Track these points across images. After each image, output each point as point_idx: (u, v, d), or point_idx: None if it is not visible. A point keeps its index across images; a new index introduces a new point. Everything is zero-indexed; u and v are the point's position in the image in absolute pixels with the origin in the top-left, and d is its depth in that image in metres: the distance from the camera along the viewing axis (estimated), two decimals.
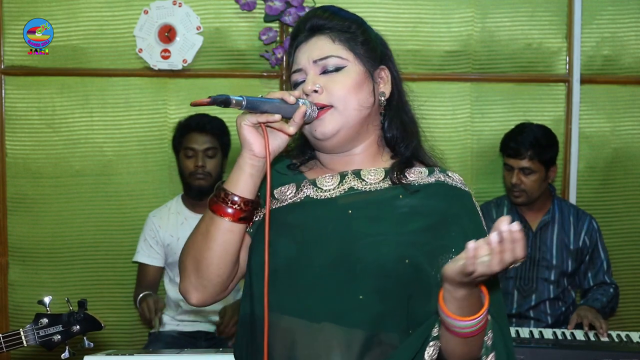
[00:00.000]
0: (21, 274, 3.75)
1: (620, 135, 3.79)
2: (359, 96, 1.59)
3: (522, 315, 3.37)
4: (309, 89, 1.57)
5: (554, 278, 3.38)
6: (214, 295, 1.59)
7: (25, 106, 3.70)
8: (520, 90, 3.76)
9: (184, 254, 1.58)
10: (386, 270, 1.50)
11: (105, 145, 3.71)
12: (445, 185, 1.63)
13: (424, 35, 3.70)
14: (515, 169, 3.34)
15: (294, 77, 1.64)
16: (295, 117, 1.50)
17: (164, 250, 3.48)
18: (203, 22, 3.64)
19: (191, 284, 1.57)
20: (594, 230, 3.42)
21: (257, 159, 1.50)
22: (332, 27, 1.62)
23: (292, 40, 1.67)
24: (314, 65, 1.60)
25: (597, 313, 3.14)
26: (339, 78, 1.58)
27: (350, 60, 1.60)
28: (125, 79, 3.69)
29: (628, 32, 3.76)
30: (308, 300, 1.51)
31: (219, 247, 1.53)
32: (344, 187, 1.60)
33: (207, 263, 1.54)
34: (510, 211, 3.44)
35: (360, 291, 1.50)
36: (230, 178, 1.53)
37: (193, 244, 1.56)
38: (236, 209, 1.51)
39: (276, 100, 1.49)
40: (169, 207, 3.53)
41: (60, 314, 2.27)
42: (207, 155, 3.42)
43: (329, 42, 1.61)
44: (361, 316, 1.50)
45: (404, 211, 1.57)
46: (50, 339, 2.25)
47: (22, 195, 3.72)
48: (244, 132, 1.49)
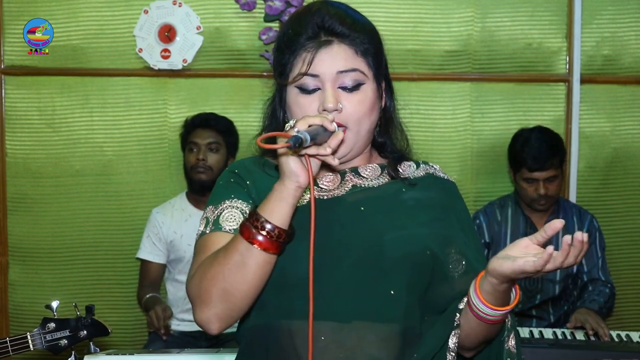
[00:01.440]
0: (21, 273, 3.75)
1: (620, 135, 3.79)
2: (371, 118, 1.56)
3: (525, 313, 3.37)
4: (331, 106, 1.49)
5: (559, 278, 3.38)
6: (235, 322, 1.52)
7: (25, 106, 3.70)
8: (520, 90, 3.76)
9: (208, 282, 1.45)
10: (414, 262, 1.53)
11: (105, 145, 3.71)
12: (434, 177, 1.67)
13: (424, 34, 3.70)
14: (540, 181, 3.30)
15: (305, 80, 1.52)
16: (332, 142, 1.41)
17: (166, 247, 3.49)
18: (203, 21, 3.64)
19: (216, 314, 1.46)
20: (594, 228, 3.43)
21: (301, 190, 1.42)
22: (354, 36, 1.53)
23: (295, 36, 1.53)
24: (335, 77, 1.51)
25: (596, 316, 3.13)
26: (357, 98, 1.52)
27: (369, 76, 1.54)
28: (125, 79, 3.69)
29: (628, 32, 3.75)
30: (336, 302, 1.49)
31: (257, 280, 1.45)
32: (346, 186, 1.59)
33: (242, 296, 1.45)
34: (515, 212, 3.43)
35: (392, 286, 1.51)
36: (270, 209, 1.42)
37: (223, 275, 1.44)
38: (280, 242, 1.43)
39: (319, 129, 1.40)
40: (173, 203, 3.53)
41: (67, 319, 2.27)
42: (209, 148, 3.44)
43: (352, 53, 1.52)
44: (395, 310, 1.51)
45: (411, 204, 1.59)
46: (57, 343, 2.26)
47: (22, 195, 3.72)
48: (291, 164, 1.39)
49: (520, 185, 3.37)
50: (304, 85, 1.53)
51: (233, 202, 1.56)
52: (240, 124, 3.58)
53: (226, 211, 1.55)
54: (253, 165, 1.62)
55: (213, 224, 1.54)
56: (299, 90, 1.53)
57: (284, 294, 1.51)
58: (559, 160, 3.33)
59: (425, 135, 3.67)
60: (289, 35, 1.55)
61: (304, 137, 1.34)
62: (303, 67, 1.52)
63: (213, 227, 1.54)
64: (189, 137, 3.50)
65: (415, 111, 3.65)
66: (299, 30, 1.53)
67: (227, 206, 1.56)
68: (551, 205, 3.38)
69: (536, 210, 3.38)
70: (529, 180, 3.32)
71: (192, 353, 2.61)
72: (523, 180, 3.34)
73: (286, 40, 1.55)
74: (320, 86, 1.52)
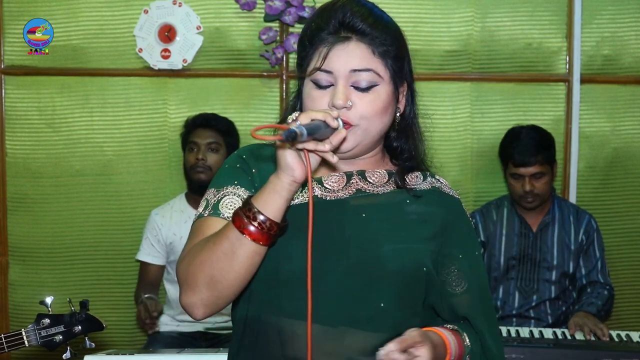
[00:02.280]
0: (21, 273, 3.75)
1: (620, 135, 3.79)
2: (383, 119, 1.54)
3: (522, 315, 3.37)
4: (340, 103, 1.48)
5: (555, 278, 3.38)
6: (220, 310, 1.51)
7: (25, 106, 3.70)
8: (520, 89, 3.76)
9: (196, 268, 1.45)
10: (408, 278, 1.52)
11: (105, 145, 3.71)
12: (439, 192, 1.64)
13: (424, 34, 3.70)
14: (525, 177, 3.31)
15: (318, 75, 1.51)
16: (334, 139, 1.39)
17: (165, 248, 3.49)
18: (203, 21, 3.64)
19: (202, 300, 1.46)
20: (592, 228, 3.42)
21: (297, 184, 1.40)
22: (374, 36, 1.51)
23: (317, 31, 1.52)
24: (349, 75, 1.50)
25: (594, 318, 3.13)
26: (369, 98, 1.50)
27: (385, 79, 1.52)
28: (125, 79, 3.69)
29: (628, 32, 3.75)
30: (326, 306, 1.48)
31: (245, 270, 1.44)
32: (351, 189, 1.57)
33: (229, 284, 1.44)
34: (510, 212, 3.44)
35: (382, 299, 1.51)
36: (264, 200, 1.41)
37: (211, 262, 1.43)
38: (271, 234, 1.41)
39: (320, 124, 1.37)
40: (172, 205, 3.53)
41: (62, 314, 2.27)
42: (209, 148, 3.44)
43: (369, 52, 1.51)
44: (383, 322, 1.51)
45: (413, 218, 1.57)
46: (51, 339, 2.25)
47: (22, 195, 3.72)
48: (287, 157, 1.37)
49: (509, 182, 3.42)
50: (318, 81, 1.52)
51: (235, 188, 1.55)
52: (240, 124, 3.58)
53: (227, 197, 1.54)
54: (262, 152, 1.60)
55: (212, 208, 1.54)
56: (313, 85, 1.53)
57: (274, 290, 1.50)
58: (545, 158, 3.32)
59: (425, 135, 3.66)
60: (312, 28, 1.54)
61: (299, 132, 1.31)
62: (318, 62, 1.51)
63: (212, 211, 1.53)
64: (189, 137, 3.50)
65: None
66: (321, 25, 1.53)
67: (229, 192, 1.54)
68: (539, 204, 3.38)
69: (524, 208, 3.39)
70: (515, 175, 3.36)
71: (192, 353, 2.61)
72: (510, 176, 3.39)
73: (309, 33, 1.55)
74: (334, 82, 1.51)
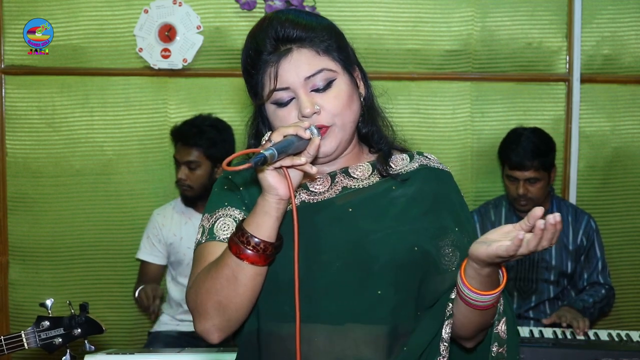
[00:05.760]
0: (21, 273, 3.75)
1: (620, 135, 3.79)
2: (353, 108, 1.56)
3: (521, 315, 3.37)
4: (308, 112, 1.50)
5: (554, 278, 3.38)
6: (235, 330, 1.55)
7: (26, 105, 3.70)
8: (521, 89, 3.76)
9: (203, 296, 1.49)
10: (400, 261, 1.53)
11: (105, 145, 3.71)
12: (429, 169, 1.66)
13: (424, 34, 3.70)
14: (520, 180, 3.31)
15: (279, 95, 1.53)
16: (310, 149, 1.43)
17: (166, 248, 3.49)
18: (203, 21, 3.64)
19: (215, 326, 1.51)
20: (592, 229, 3.41)
21: (284, 201, 1.43)
22: (311, 37, 1.53)
23: (257, 55, 1.55)
24: (304, 83, 1.52)
25: (577, 313, 3.14)
26: (332, 95, 1.53)
27: (338, 71, 1.55)
28: (125, 79, 3.69)
29: (628, 32, 3.75)
30: (326, 305, 1.51)
31: (249, 291, 1.48)
32: (337, 188, 1.60)
33: (237, 307, 1.49)
34: (508, 212, 3.44)
35: (378, 286, 1.52)
36: (256, 223, 1.44)
37: (216, 289, 1.47)
38: (267, 254, 1.45)
39: (293, 139, 1.40)
40: (173, 205, 3.53)
41: (61, 317, 2.27)
42: (189, 167, 3.39)
43: (313, 54, 1.53)
44: (381, 311, 1.52)
45: (401, 201, 1.59)
46: (51, 341, 2.25)
47: (23, 194, 3.72)
48: (268, 178, 1.41)
49: (505, 182, 3.44)
50: (279, 100, 1.54)
51: (227, 210, 1.58)
52: (240, 124, 3.54)
53: (220, 220, 1.57)
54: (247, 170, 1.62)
55: (208, 233, 1.57)
56: (276, 106, 1.55)
57: (273, 298, 1.52)
58: (542, 164, 3.30)
59: (425, 135, 3.67)
60: (251, 55, 1.57)
61: (268, 154, 1.34)
62: (272, 84, 1.53)
63: (208, 236, 1.57)
64: (174, 148, 3.48)
65: (415, 111, 3.65)
66: (259, 48, 1.55)
67: (221, 215, 1.58)
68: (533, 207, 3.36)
69: (517, 209, 3.38)
70: (510, 177, 3.37)
71: (192, 353, 2.61)
72: (506, 178, 3.41)
73: (250, 61, 1.58)
74: (294, 95, 1.53)
